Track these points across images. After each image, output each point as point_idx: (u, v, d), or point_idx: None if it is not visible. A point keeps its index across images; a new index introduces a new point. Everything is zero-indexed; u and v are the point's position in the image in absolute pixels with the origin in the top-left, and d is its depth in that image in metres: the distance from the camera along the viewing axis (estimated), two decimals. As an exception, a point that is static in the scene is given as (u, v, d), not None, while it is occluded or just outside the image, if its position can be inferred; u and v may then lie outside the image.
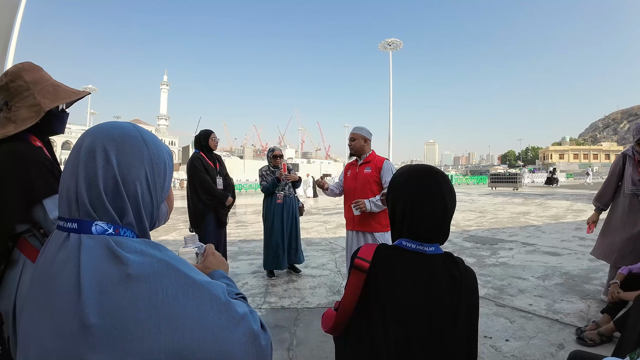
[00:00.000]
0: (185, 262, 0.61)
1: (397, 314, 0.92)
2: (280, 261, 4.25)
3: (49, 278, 0.56)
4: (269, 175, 4.37)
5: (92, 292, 0.52)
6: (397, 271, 0.96)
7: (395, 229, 1.05)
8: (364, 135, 3.09)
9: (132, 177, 0.62)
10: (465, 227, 7.93)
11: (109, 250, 0.56)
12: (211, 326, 0.55)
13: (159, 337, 0.51)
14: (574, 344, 2.48)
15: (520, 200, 14.60)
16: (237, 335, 0.58)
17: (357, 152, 3.10)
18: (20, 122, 1.22)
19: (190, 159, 3.75)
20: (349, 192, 3.13)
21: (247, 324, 0.60)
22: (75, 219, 0.59)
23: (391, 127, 33.05)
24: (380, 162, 3.02)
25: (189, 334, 0.53)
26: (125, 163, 0.61)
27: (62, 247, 0.58)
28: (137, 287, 0.53)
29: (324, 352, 2.46)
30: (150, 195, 0.65)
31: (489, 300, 3.40)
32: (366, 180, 3.00)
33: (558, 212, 10.15)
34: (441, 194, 0.98)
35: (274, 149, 4.50)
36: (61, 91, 1.33)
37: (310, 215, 10.82)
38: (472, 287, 0.98)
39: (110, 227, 0.59)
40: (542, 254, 5.23)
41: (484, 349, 2.46)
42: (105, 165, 0.60)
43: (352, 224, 3.07)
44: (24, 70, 1.27)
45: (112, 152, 0.61)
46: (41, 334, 0.54)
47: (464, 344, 0.94)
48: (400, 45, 36.90)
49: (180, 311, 0.53)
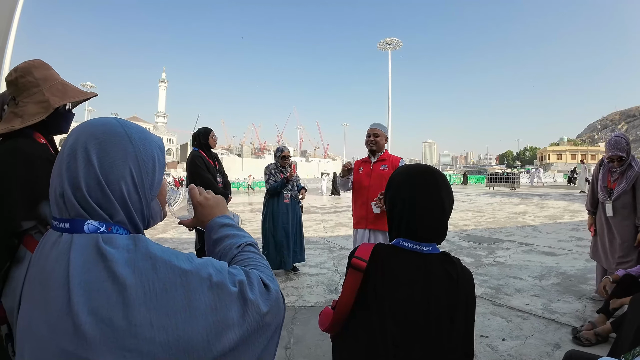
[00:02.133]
0: (171, 251, 0.59)
1: (394, 313, 0.93)
2: (286, 260, 4.25)
3: (42, 276, 0.57)
4: (277, 174, 4.33)
5: (81, 291, 0.52)
6: (394, 270, 0.97)
7: (392, 228, 1.06)
8: (385, 133, 3.07)
9: (115, 177, 0.60)
10: (463, 227, 7.95)
11: (97, 249, 0.55)
12: (204, 312, 0.55)
13: (152, 331, 0.51)
14: (570, 343, 2.50)
15: (518, 200, 14.64)
16: (234, 313, 0.57)
17: (379, 149, 3.05)
18: (27, 117, 1.22)
19: (191, 157, 3.70)
20: (361, 190, 3.05)
21: (243, 297, 0.59)
22: (67, 219, 0.59)
23: (390, 126, 33.05)
24: (397, 161, 2.97)
25: (182, 324, 0.53)
26: (108, 162, 0.59)
27: (55, 245, 0.58)
28: (123, 284, 0.52)
29: (321, 350, 2.47)
30: (138, 193, 0.63)
31: (485, 300, 3.42)
32: (382, 177, 2.91)
33: (555, 212, 10.18)
34: (438, 193, 0.99)
35: (282, 149, 4.48)
36: (69, 90, 1.33)
37: (308, 214, 10.83)
38: (469, 287, 0.99)
39: (103, 226, 0.59)
40: (539, 254, 5.26)
41: (481, 348, 2.47)
42: (86, 166, 0.58)
43: (365, 222, 2.97)
44: (34, 67, 1.27)
45: (94, 152, 0.59)
46: (36, 331, 0.54)
47: (461, 343, 0.95)
48: (400, 44, 36.88)
49: (170, 302, 0.53)
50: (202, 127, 3.90)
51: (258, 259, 0.74)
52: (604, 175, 3.35)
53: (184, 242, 6.38)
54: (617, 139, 3.15)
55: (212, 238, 0.78)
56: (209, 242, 0.79)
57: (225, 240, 0.76)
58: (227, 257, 0.74)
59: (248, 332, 0.58)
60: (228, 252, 0.74)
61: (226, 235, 0.77)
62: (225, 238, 0.77)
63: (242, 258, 0.73)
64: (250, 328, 0.58)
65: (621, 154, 3.10)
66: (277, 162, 4.42)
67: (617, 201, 3.19)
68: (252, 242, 0.78)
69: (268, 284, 0.65)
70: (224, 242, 0.76)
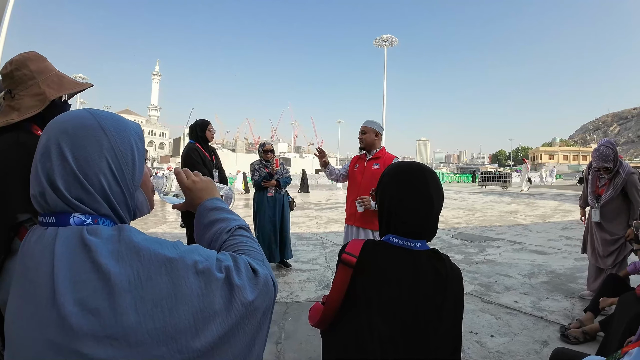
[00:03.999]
0: (155, 240, 0.59)
1: (382, 309, 0.93)
2: (273, 255, 4.27)
3: (28, 270, 0.57)
4: (261, 169, 4.40)
5: (66, 282, 0.52)
6: (383, 266, 0.97)
7: (383, 224, 1.06)
8: (375, 130, 3.01)
9: (93, 171, 0.59)
10: (455, 225, 8.00)
11: (81, 240, 0.55)
12: (190, 298, 0.54)
13: (137, 318, 0.51)
14: (558, 341, 2.54)
15: (509, 199, 14.78)
16: (220, 299, 0.56)
17: (368, 147, 3.02)
18: (24, 110, 1.22)
19: (187, 150, 3.57)
20: (354, 187, 3.05)
21: (229, 283, 0.58)
22: (52, 213, 0.58)
23: (385, 123, 33.08)
24: (390, 160, 2.92)
25: (168, 311, 0.52)
26: (83, 157, 0.58)
27: (40, 240, 0.58)
28: (108, 274, 0.52)
29: (312, 345, 2.47)
30: (120, 185, 0.62)
31: (475, 297, 3.45)
32: (373, 176, 2.89)
33: (546, 211, 10.30)
34: (428, 190, 0.99)
35: (264, 144, 4.53)
36: (65, 82, 1.33)
37: (301, 210, 10.82)
38: (458, 284, 0.99)
39: (89, 218, 0.59)
40: (528, 252, 5.32)
41: (470, 345, 2.49)
42: (61, 162, 0.57)
43: (354, 219, 2.98)
44: (29, 60, 1.27)
45: (67, 148, 0.58)
46: (23, 323, 0.54)
47: (448, 339, 0.96)
48: (395, 41, 36.90)
49: (156, 290, 0.53)
50: (200, 119, 3.76)
51: (249, 242, 0.72)
52: (592, 179, 3.40)
53: (176, 237, 6.29)
54: (603, 149, 3.14)
55: (203, 223, 0.77)
56: (199, 227, 0.77)
57: (216, 224, 0.75)
58: (217, 243, 0.73)
59: (236, 318, 0.57)
60: (218, 237, 0.73)
61: (216, 219, 0.76)
62: (216, 222, 0.75)
63: (232, 243, 0.72)
64: (238, 314, 0.57)
65: (607, 164, 3.12)
66: (261, 157, 4.47)
67: (605, 207, 3.25)
68: (243, 225, 0.77)
69: (257, 268, 0.64)
70: (214, 227, 0.75)
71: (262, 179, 4.31)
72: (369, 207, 2.76)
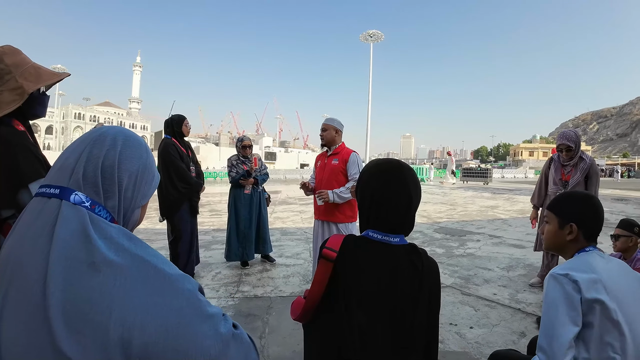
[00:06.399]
0: (159, 255, 0.61)
1: (361, 302, 0.95)
2: (248, 252, 4.22)
3: (18, 256, 0.57)
4: (238, 165, 4.29)
5: (60, 268, 0.53)
6: (362, 261, 0.99)
7: (363, 220, 1.08)
8: (335, 127, 3.16)
9: (126, 167, 0.66)
10: (436, 219, 8.14)
11: (82, 229, 0.57)
12: (172, 319, 0.56)
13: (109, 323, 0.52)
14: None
15: (490, 194, 15.10)
16: (201, 331, 0.58)
17: (328, 143, 3.17)
18: (3, 106, 1.20)
19: (164, 146, 3.55)
20: (318, 183, 3.22)
21: (213, 324, 0.60)
22: (59, 185, 0.60)
23: (369, 119, 33.17)
24: (347, 154, 3.09)
25: (147, 326, 0.54)
26: (126, 154, 0.67)
27: (40, 214, 0.59)
28: (98, 275, 0.54)
29: (295, 339, 2.49)
30: (132, 194, 0.68)
31: (455, 289, 3.53)
32: (333, 171, 3.08)
33: (525, 206, 10.56)
34: (406, 186, 1.02)
35: (243, 139, 4.39)
36: (42, 73, 1.31)
37: (286, 205, 10.82)
38: (434, 277, 1.02)
39: (88, 201, 0.61)
40: (507, 246, 5.46)
41: (449, 336, 2.56)
42: (111, 148, 0.65)
43: (319, 213, 3.17)
44: (4, 54, 1.25)
45: (120, 141, 0.67)
46: (10, 311, 0.54)
47: (425, 332, 0.99)
48: (382, 37, 36.89)
49: (138, 302, 0.55)
50: (176, 114, 3.75)
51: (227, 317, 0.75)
52: (556, 169, 3.55)
53: (157, 233, 6.24)
54: (567, 130, 3.41)
55: None
56: None
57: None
58: None
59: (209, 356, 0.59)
60: None
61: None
62: None
63: None
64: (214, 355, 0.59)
65: (569, 143, 3.31)
66: (239, 153, 4.35)
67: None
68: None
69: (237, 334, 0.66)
70: None
71: (240, 177, 4.23)
72: (327, 200, 2.90)
